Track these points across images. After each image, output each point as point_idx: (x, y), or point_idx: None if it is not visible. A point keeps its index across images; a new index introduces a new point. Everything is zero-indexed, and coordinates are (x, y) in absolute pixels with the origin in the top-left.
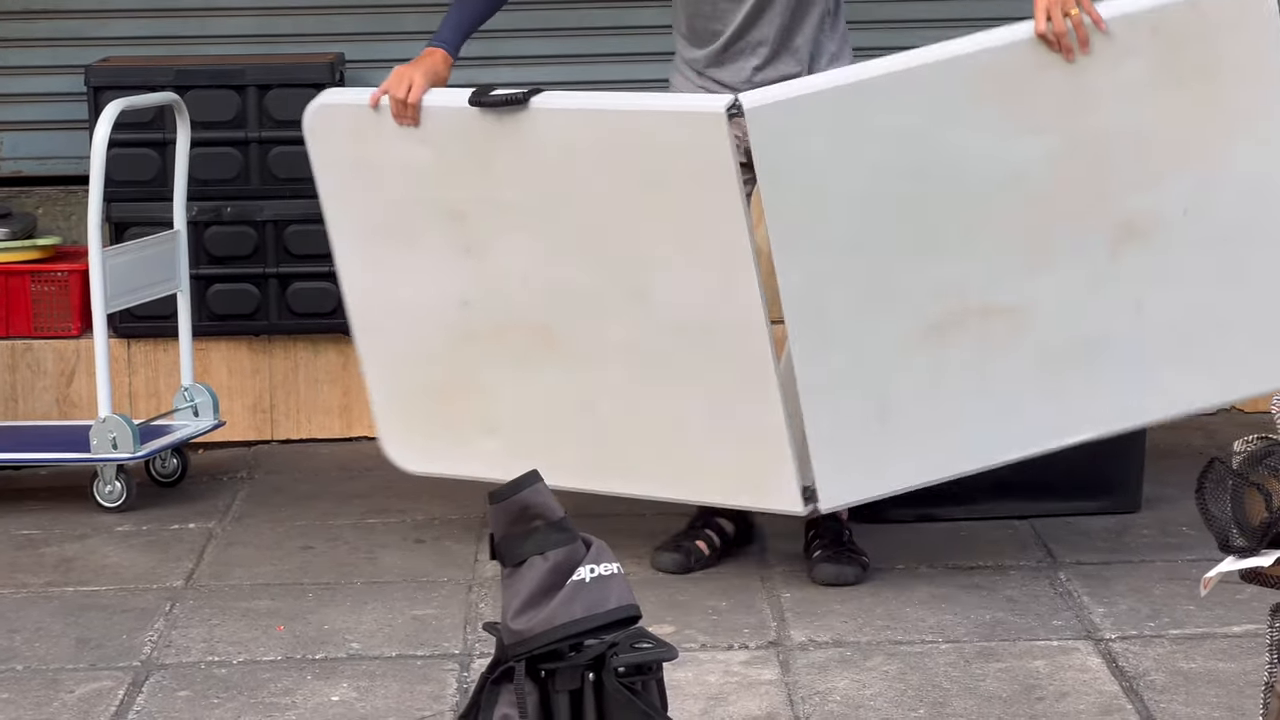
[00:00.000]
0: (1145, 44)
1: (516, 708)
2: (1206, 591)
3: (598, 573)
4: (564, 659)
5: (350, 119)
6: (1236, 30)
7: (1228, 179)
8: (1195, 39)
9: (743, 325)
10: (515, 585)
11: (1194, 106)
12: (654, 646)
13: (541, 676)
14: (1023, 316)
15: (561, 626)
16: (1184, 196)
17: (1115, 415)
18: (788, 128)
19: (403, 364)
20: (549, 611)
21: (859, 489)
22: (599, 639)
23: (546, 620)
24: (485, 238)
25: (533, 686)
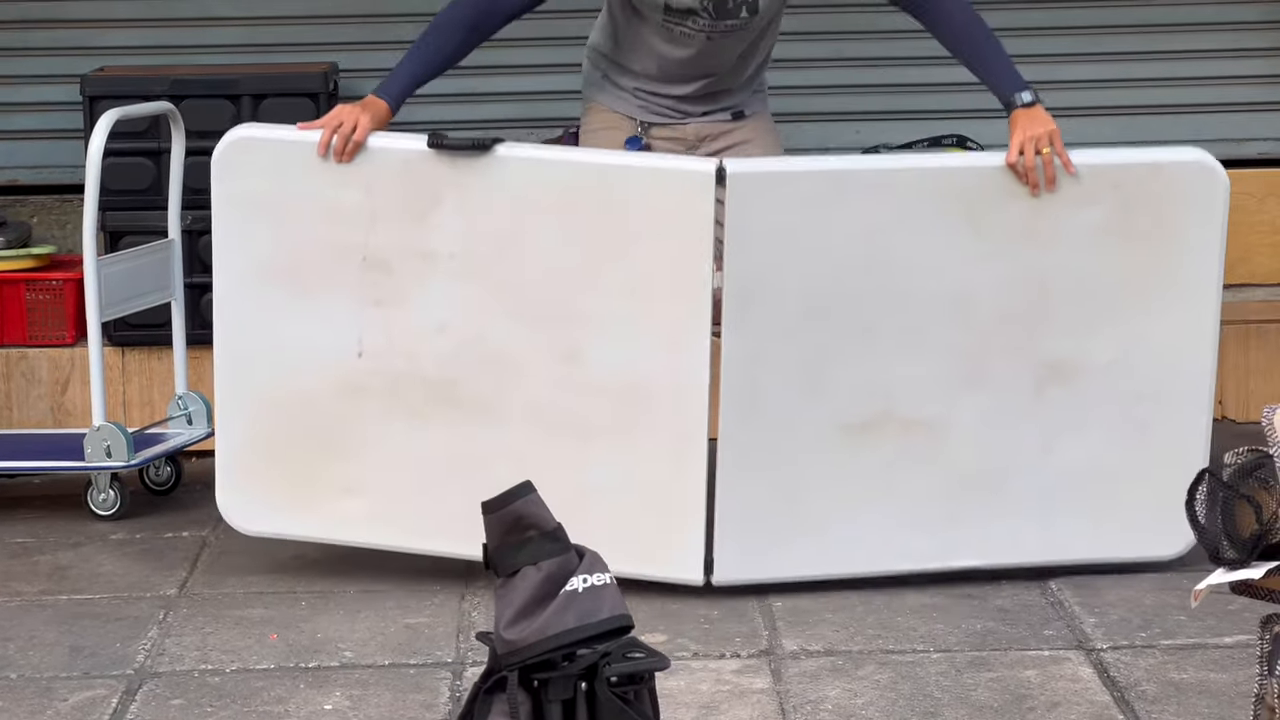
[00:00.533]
0: (1106, 196)
1: (509, 717)
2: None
3: (590, 583)
4: (557, 668)
5: (270, 155)
6: (1190, 203)
7: (1153, 340)
8: (1151, 201)
9: (682, 388)
10: (509, 595)
11: (1137, 264)
12: (646, 656)
13: (534, 686)
14: (942, 434)
15: (554, 636)
16: (1111, 349)
17: (1006, 549)
18: (763, 199)
19: (265, 412)
20: (542, 621)
21: (755, 568)
22: (591, 648)
23: (539, 630)
24: (403, 287)
25: (525, 696)
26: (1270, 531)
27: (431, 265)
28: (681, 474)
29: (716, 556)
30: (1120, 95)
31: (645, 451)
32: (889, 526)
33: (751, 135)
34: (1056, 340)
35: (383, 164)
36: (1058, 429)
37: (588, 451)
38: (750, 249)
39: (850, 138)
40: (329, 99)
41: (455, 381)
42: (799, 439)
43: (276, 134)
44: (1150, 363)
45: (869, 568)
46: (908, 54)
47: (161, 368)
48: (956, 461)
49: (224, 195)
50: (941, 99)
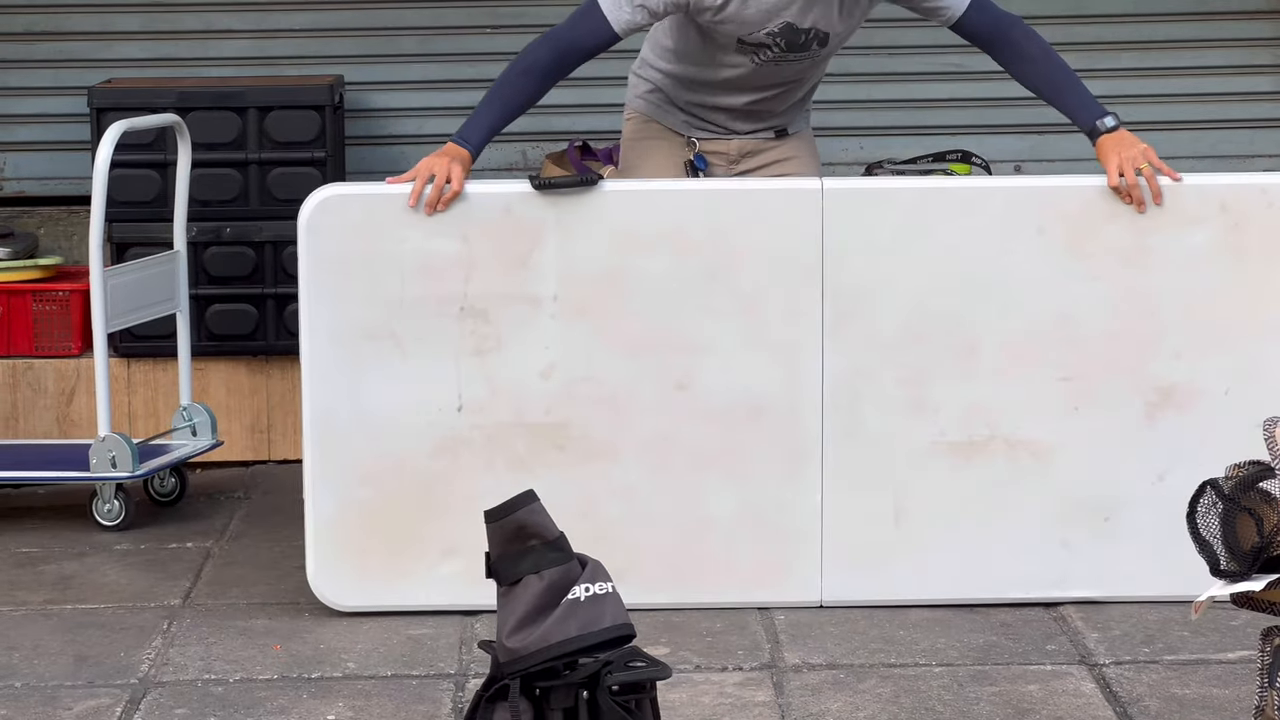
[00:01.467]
0: (1213, 217)
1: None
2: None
3: (593, 591)
4: (559, 677)
5: (360, 211)
6: None
7: (1272, 366)
8: (1260, 224)
9: (795, 407)
10: (511, 604)
11: (1250, 288)
12: (648, 665)
13: (536, 694)
14: (1049, 457)
15: (556, 645)
16: (1227, 375)
17: (1120, 581)
18: (861, 216)
19: (359, 480)
20: (544, 630)
21: (862, 588)
22: (593, 658)
23: (541, 638)
24: (504, 334)
25: (527, 705)
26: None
27: (534, 308)
28: (796, 495)
29: (824, 577)
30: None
31: (759, 475)
32: (997, 552)
33: (792, 152)
34: (1167, 364)
35: (482, 210)
36: (1172, 457)
37: (702, 481)
38: (849, 266)
39: (855, 153)
40: (334, 112)
41: (561, 425)
42: (900, 457)
43: (365, 190)
44: (1271, 389)
45: (977, 594)
46: (912, 69)
47: (167, 379)
48: (1066, 486)
49: (313, 257)
50: (946, 115)
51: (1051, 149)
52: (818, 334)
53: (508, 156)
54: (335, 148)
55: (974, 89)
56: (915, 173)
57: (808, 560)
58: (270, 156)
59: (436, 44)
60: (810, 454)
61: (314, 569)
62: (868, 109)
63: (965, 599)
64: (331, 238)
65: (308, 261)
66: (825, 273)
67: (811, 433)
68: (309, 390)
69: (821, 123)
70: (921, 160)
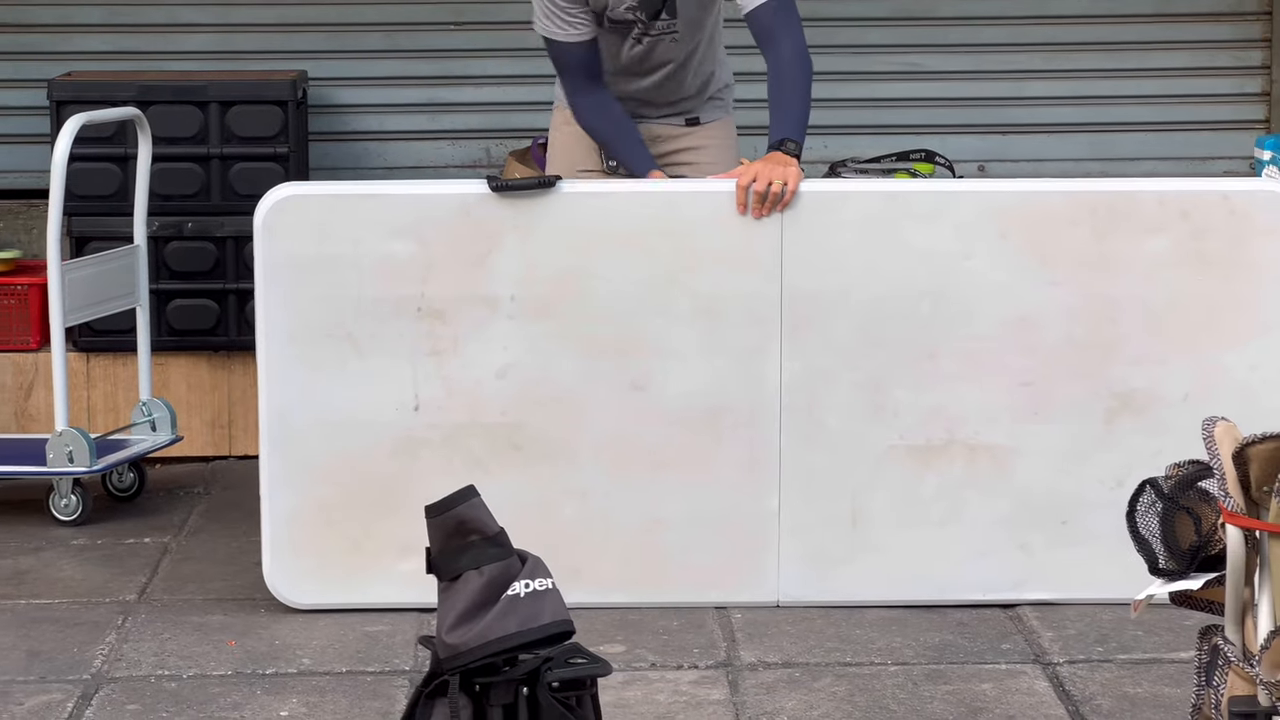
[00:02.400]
0: (1174, 224)
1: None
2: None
3: (532, 588)
4: (499, 673)
5: (317, 211)
6: (1263, 233)
7: (1231, 373)
8: (1222, 231)
9: (754, 410)
10: (451, 599)
11: (1210, 295)
12: (588, 662)
13: (476, 691)
14: (1008, 461)
15: (496, 641)
16: (1186, 381)
17: (1077, 584)
18: (820, 219)
19: (316, 480)
20: (483, 626)
21: (819, 589)
22: (533, 654)
23: (481, 634)
24: (461, 334)
25: (467, 701)
26: (1209, 543)
27: (491, 309)
28: (754, 497)
29: (781, 577)
30: (1087, 113)
31: (717, 476)
32: (955, 554)
33: (703, 142)
34: (1126, 370)
35: (440, 211)
36: (1130, 462)
37: (659, 482)
38: (807, 269)
39: (819, 151)
40: (297, 107)
41: (518, 425)
42: (859, 461)
43: (322, 190)
44: (1229, 396)
45: (935, 596)
46: (876, 69)
47: (126, 374)
48: (1024, 490)
49: (270, 257)
50: (910, 114)
51: (1015, 149)
52: (776, 337)
53: (470, 154)
54: (298, 143)
55: (938, 88)
56: (879, 172)
57: (765, 560)
58: (232, 151)
59: (401, 40)
60: (768, 456)
61: (270, 567)
62: (831, 108)
63: (922, 600)
64: (288, 237)
65: (265, 261)
66: (784, 276)
67: (769, 435)
68: (265, 389)
69: None
70: (885, 159)
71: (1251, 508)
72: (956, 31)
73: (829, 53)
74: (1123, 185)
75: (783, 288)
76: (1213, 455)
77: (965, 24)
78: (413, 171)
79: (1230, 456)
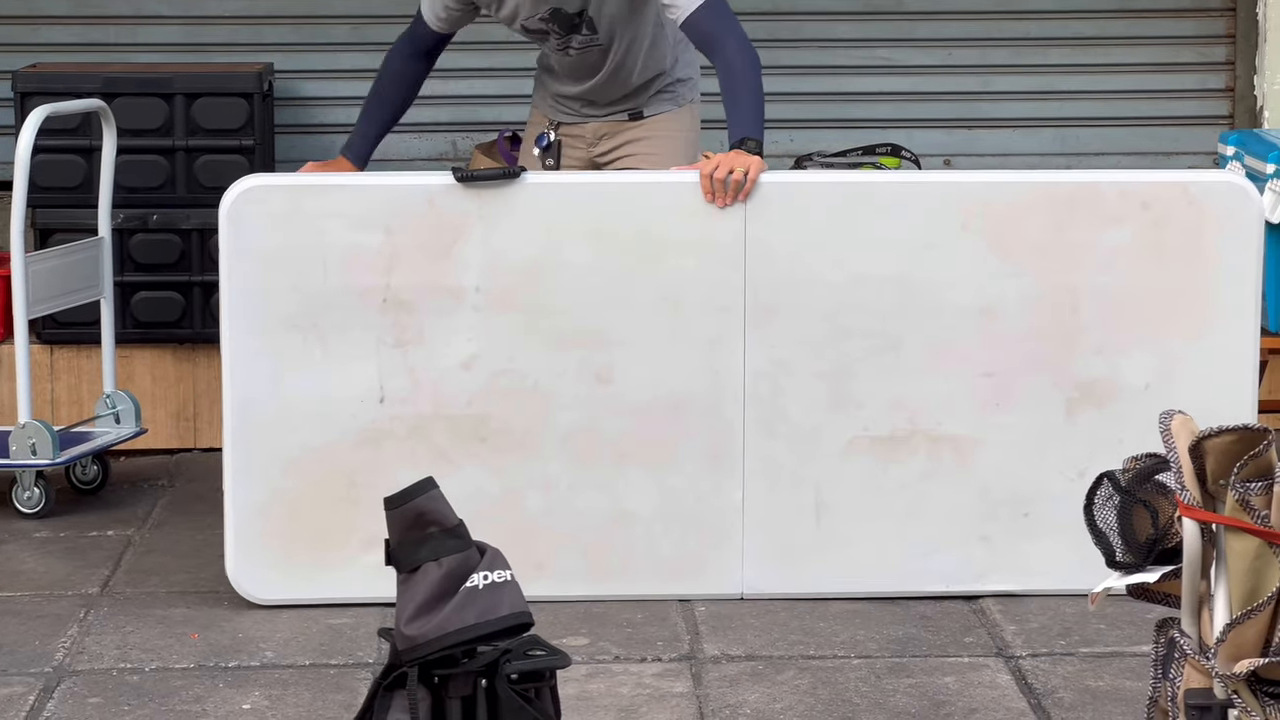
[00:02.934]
0: (1134, 214)
1: (409, 714)
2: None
3: (491, 579)
4: (457, 665)
5: (282, 201)
6: (1222, 224)
7: (1191, 364)
8: (1181, 222)
9: (717, 402)
10: (410, 591)
11: (1170, 286)
12: (547, 654)
13: (435, 683)
14: (971, 452)
15: (454, 633)
16: (1147, 372)
17: (1039, 575)
18: (783, 210)
19: (280, 473)
20: (442, 618)
21: (783, 581)
22: (492, 646)
23: (439, 626)
24: (426, 325)
25: (426, 693)
26: (1165, 536)
27: (456, 300)
28: (718, 488)
29: (745, 569)
30: (1054, 108)
31: (681, 468)
32: (918, 546)
33: (646, 133)
34: (1087, 360)
35: (405, 202)
36: (1092, 453)
37: (623, 473)
38: (771, 260)
39: (784, 145)
40: (263, 99)
41: (483, 417)
42: (825, 453)
43: (287, 180)
44: (1189, 387)
45: (898, 587)
46: (842, 63)
47: (90, 366)
48: (987, 481)
49: (234, 248)
50: (875, 108)
51: (981, 144)
52: (740, 328)
53: (437, 147)
54: (264, 136)
55: (904, 83)
56: (845, 166)
57: (729, 552)
58: (198, 144)
59: (367, 32)
60: (732, 448)
61: (233, 562)
62: (797, 102)
63: (886, 592)
64: (253, 228)
65: (229, 252)
66: (748, 267)
67: (733, 427)
68: (229, 381)
69: None
70: (851, 153)
71: (1208, 501)
72: (924, 26)
73: (796, 46)
74: (1084, 176)
75: (746, 279)
76: (1169, 449)
77: (932, 19)
78: (379, 165)
79: (1187, 450)
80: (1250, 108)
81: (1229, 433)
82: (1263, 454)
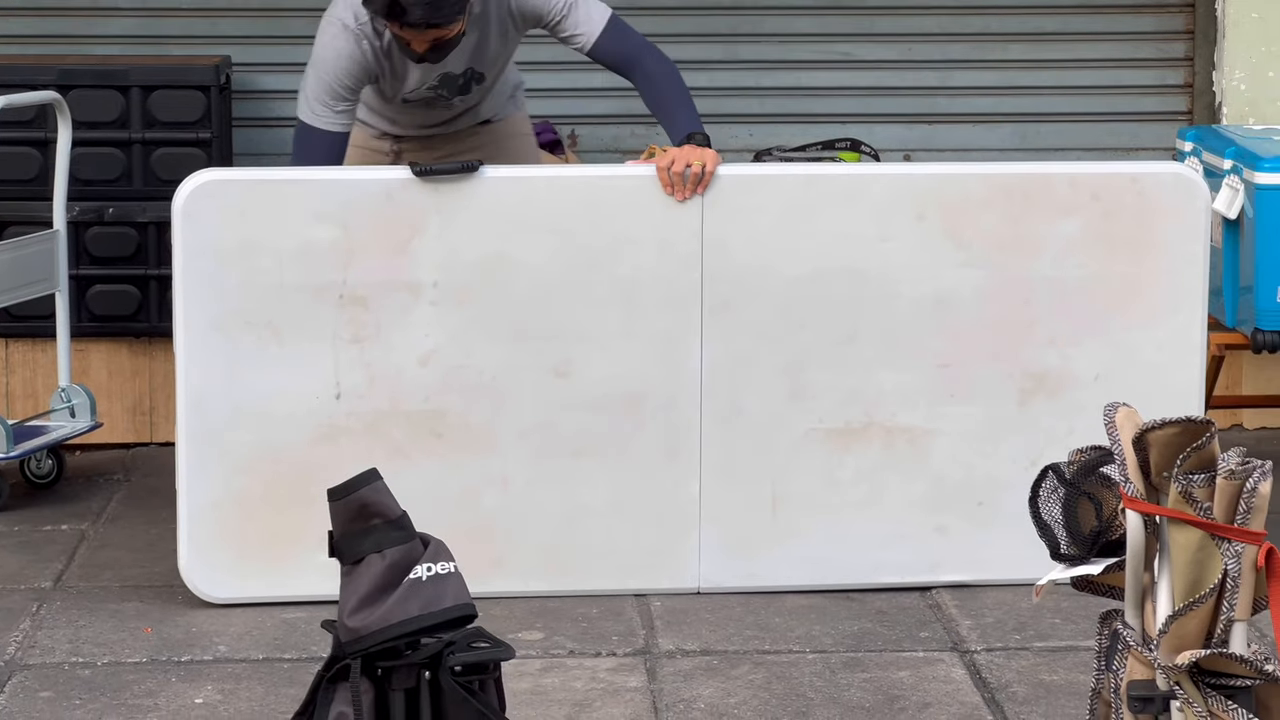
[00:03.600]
0: (1085, 205)
1: (352, 706)
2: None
3: (434, 571)
4: (401, 657)
5: (237, 196)
6: (1170, 215)
7: (1140, 353)
8: (1131, 213)
9: (674, 396)
10: (353, 583)
11: (1120, 276)
12: (491, 646)
13: (378, 674)
14: (925, 443)
15: (397, 624)
16: (1098, 362)
17: (993, 565)
18: (740, 203)
19: (235, 470)
20: (385, 609)
21: (739, 575)
22: (436, 638)
23: (382, 618)
24: (383, 321)
25: (369, 685)
26: (1109, 528)
27: (414, 296)
28: (674, 482)
29: (702, 563)
30: (1013, 103)
31: (638, 462)
32: (873, 537)
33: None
34: (1040, 351)
35: (362, 197)
36: (1044, 443)
37: (580, 468)
38: (728, 253)
39: (744, 140)
40: (220, 92)
41: (440, 413)
42: (781, 445)
43: (242, 175)
44: (1139, 377)
45: (853, 580)
46: (802, 57)
47: (46, 359)
48: (941, 472)
49: (189, 242)
50: (835, 103)
51: (941, 139)
52: (697, 321)
53: None
54: (221, 129)
55: (864, 77)
56: (804, 160)
57: (685, 547)
58: (154, 136)
59: None
60: (688, 441)
61: (186, 560)
62: (757, 96)
63: (841, 584)
64: (208, 223)
65: (183, 247)
66: (705, 260)
67: (690, 420)
68: (183, 377)
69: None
70: (810, 148)
71: (1151, 493)
72: (884, 21)
73: (756, 41)
74: (1036, 168)
75: (703, 272)
76: (1114, 441)
77: (892, 13)
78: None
79: (1130, 442)
80: (1209, 104)
81: (1172, 425)
82: (1205, 446)
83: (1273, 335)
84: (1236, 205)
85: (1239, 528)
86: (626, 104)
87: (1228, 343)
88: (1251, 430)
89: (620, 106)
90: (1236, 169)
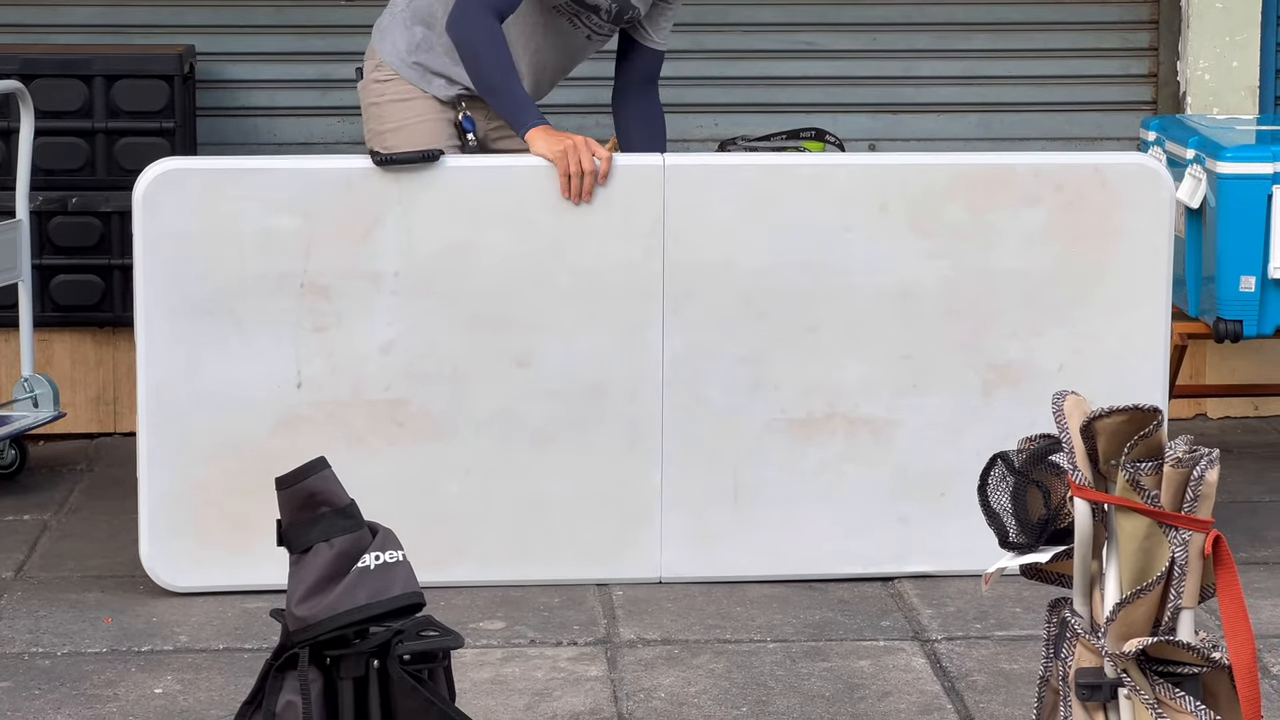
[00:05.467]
0: (1048, 196)
1: (300, 695)
2: (988, 588)
3: (383, 560)
4: (349, 646)
5: (198, 185)
6: (1134, 206)
7: (1104, 344)
8: (1095, 204)
9: (636, 385)
10: (301, 572)
11: (1084, 267)
12: (439, 635)
13: (327, 663)
14: (888, 433)
15: (345, 613)
16: (1061, 353)
17: (956, 556)
18: (702, 192)
19: (196, 459)
20: (333, 598)
21: (701, 565)
22: (385, 626)
23: (330, 607)
24: (344, 310)
25: (317, 674)
26: (1058, 517)
27: (375, 285)
28: (636, 472)
29: (664, 553)
30: (978, 93)
31: (599, 452)
32: (836, 528)
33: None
34: (1003, 342)
35: (323, 186)
36: (1007, 433)
37: (542, 458)
38: (690, 243)
39: (709, 129)
40: (184, 82)
41: (401, 402)
42: (743, 435)
43: (203, 164)
44: (1102, 368)
45: (816, 570)
46: (767, 47)
47: (8, 349)
48: (904, 463)
49: (149, 232)
50: (800, 93)
51: (906, 128)
52: (659, 311)
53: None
54: (185, 118)
55: (829, 67)
56: (768, 150)
57: (647, 537)
58: (118, 126)
59: (291, 15)
60: (650, 431)
61: (148, 549)
62: (722, 86)
63: (804, 575)
64: (169, 212)
65: (144, 236)
66: (666, 250)
67: (651, 410)
68: (144, 367)
69: (675, 99)
70: (775, 138)
71: (1099, 481)
72: (848, 10)
73: (720, 31)
74: (1000, 159)
75: (664, 262)
76: (1062, 429)
77: (857, 3)
78: (303, 148)
79: (1078, 430)
80: (1173, 93)
81: (1119, 413)
82: (1152, 434)
83: (1235, 324)
84: (1199, 195)
85: (1186, 515)
86: (591, 93)
87: (1190, 332)
88: (1215, 419)
89: (585, 96)
90: (1199, 158)
